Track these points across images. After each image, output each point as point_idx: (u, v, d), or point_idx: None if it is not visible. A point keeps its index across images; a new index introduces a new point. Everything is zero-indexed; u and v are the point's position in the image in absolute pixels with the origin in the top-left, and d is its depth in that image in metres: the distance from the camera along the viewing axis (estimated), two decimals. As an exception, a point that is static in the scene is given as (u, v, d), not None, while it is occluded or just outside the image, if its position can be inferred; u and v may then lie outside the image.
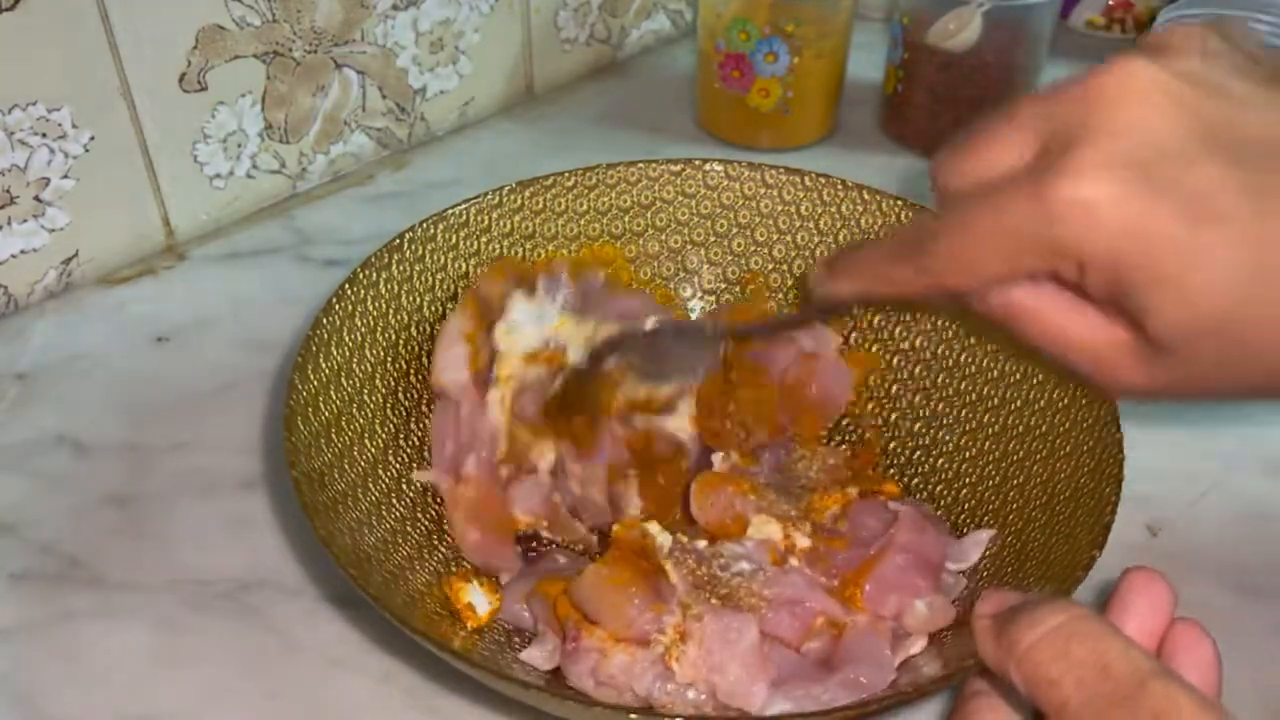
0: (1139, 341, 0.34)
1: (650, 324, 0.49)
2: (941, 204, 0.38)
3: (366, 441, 0.47)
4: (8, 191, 0.59)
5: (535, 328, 0.50)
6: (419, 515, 0.47)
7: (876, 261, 0.39)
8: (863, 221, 0.54)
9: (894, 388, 0.53)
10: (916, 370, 0.53)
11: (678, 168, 0.56)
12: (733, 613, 0.41)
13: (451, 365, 0.48)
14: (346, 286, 0.48)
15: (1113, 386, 0.36)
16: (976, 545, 0.45)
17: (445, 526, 0.48)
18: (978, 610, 0.31)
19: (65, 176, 0.60)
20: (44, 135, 0.59)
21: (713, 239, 0.57)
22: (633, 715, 0.36)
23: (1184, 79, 0.33)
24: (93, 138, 0.60)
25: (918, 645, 0.42)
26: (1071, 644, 0.28)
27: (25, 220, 0.60)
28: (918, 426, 0.52)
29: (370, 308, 0.49)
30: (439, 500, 0.49)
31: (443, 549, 0.47)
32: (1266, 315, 0.32)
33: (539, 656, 0.42)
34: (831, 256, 0.42)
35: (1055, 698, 0.28)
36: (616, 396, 0.49)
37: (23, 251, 0.61)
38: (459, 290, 0.53)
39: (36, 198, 0.60)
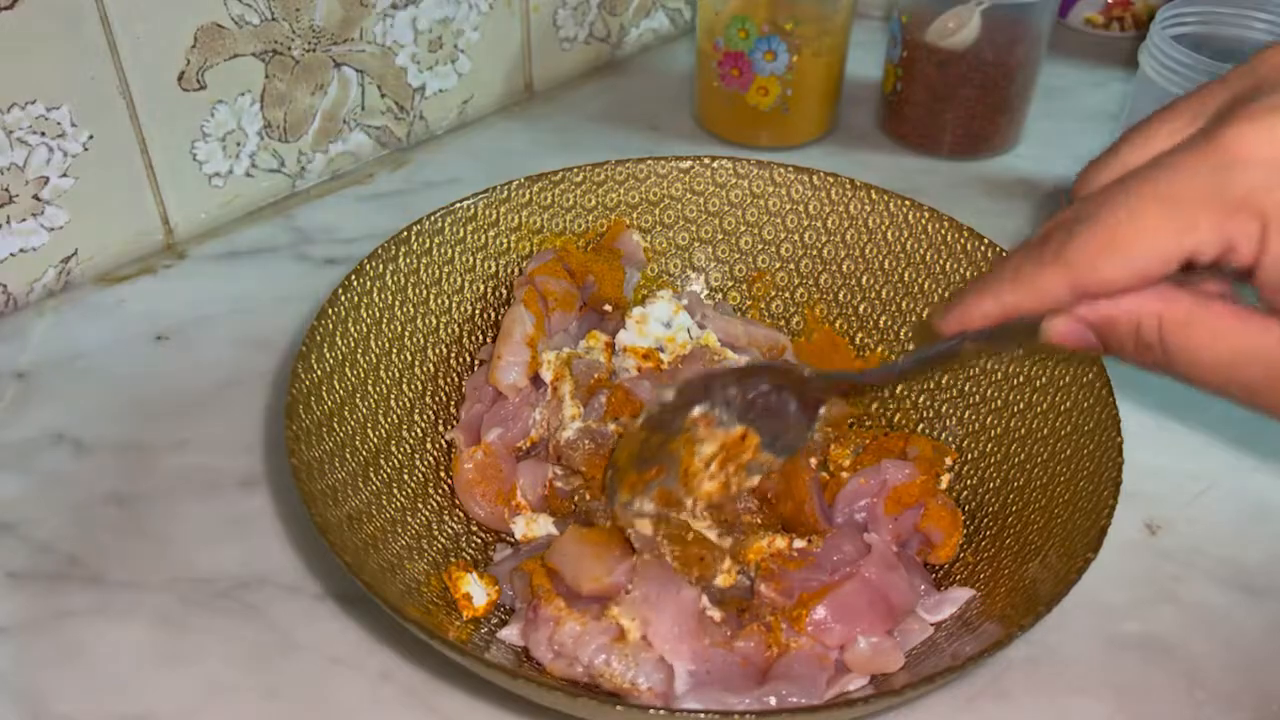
0: None
1: (739, 363, 0.43)
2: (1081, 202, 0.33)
3: (369, 432, 0.47)
4: (7, 190, 0.59)
5: (661, 330, 0.51)
6: (419, 505, 0.47)
7: (1013, 267, 0.33)
8: (869, 221, 0.54)
9: (898, 388, 0.53)
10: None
11: (686, 165, 0.56)
12: (672, 573, 0.42)
13: (514, 371, 0.50)
14: (352, 278, 0.48)
15: None
16: (952, 602, 0.44)
17: (445, 517, 0.48)
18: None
19: (64, 175, 0.60)
20: (43, 134, 0.58)
21: (720, 236, 0.57)
22: (619, 707, 0.36)
23: None
24: (92, 136, 0.60)
25: (856, 683, 0.41)
26: None
27: (24, 219, 0.60)
28: (921, 428, 0.52)
29: (376, 300, 0.49)
30: (440, 491, 0.49)
31: (442, 539, 0.47)
32: None
33: (514, 633, 0.43)
34: (953, 296, 0.36)
35: None
36: (695, 454, 0.43)
37: (22, 250, 0.61)
38: (466, 284, 0.53)
39: (35, 196, 0.60)
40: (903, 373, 0.44)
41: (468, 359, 0.53)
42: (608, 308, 0.54)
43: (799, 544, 0.44)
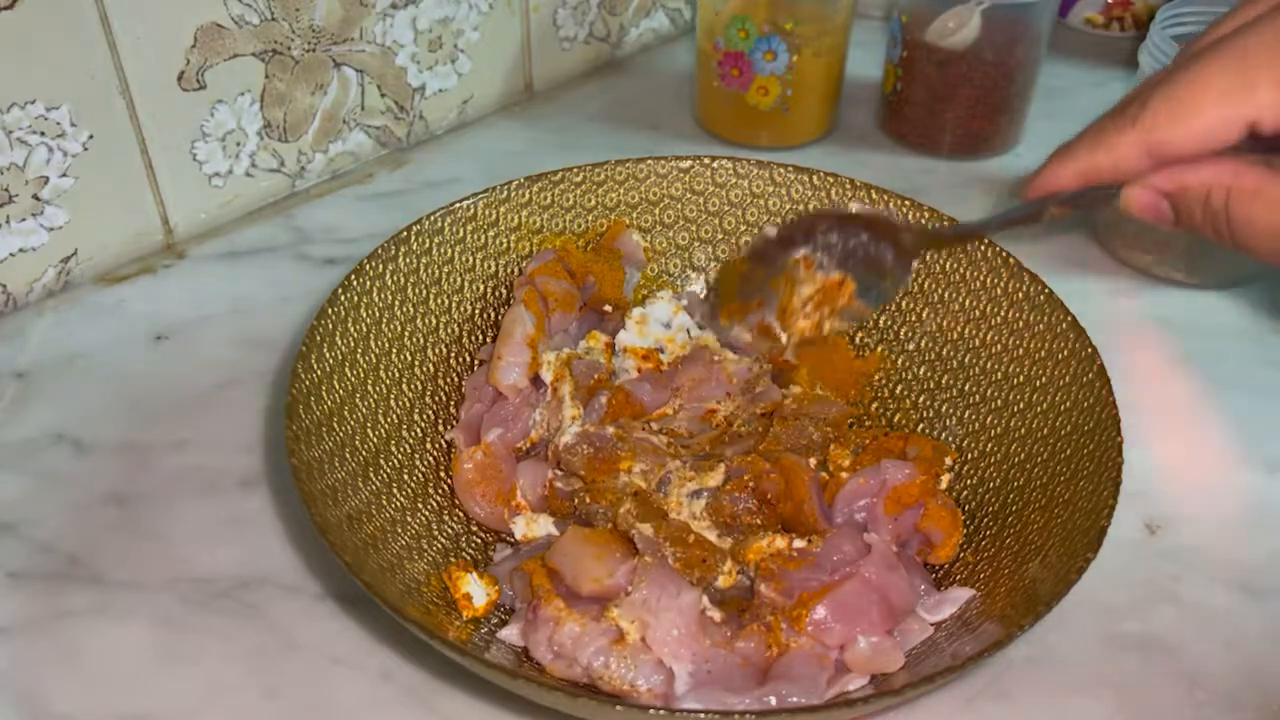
0: None
1: (854, 207, 0.44)
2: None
3: (369, 432, 0.47)
4: (6, 190, 0.59)
5: (661, 330, 0.51)
6: (419, 505, 0.47)
7: (1092, 131, 0.36)
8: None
9: (899, 388, 0.53)
10: (921, 371, 0.53)
11: (686, 165, 0.56)
12: (673, 575, 0.42)
13: (515, 372, 0.50)
14: (352, 278, 0.48)
15: None
16: (952, 602, 0.44)
17: (445, 517, 0.48)
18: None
19: (64, 175, 0.60)
20: (43, 134, 0.58)
21: (720, 236, 0.57)
22: (618, 707, 0.36)
23: None
24: (91, 136, 0.60)
25: (856, 683, 0.42)
26: None
27: (24, 219, 0.60)
28: (921, 428, 0.52)
29: (375, 299, 0.49)
30: (440, 491, 0.49)
31: (442, 539, 0.47)
32: None
33: (514, 633, 0.43)
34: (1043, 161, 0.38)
35: None
36: (795, 293, 0.44)
37: (21, 250, 0.61)
38: (466, 284, 0.53)
39: (35, 196, 0.60)
40: (990, 227, 0.46)
41: (467, 359, 0.53)
42: (608, 308, 0.54)
43: (799, 544, 0.44)
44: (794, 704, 0.39)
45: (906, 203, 0.54)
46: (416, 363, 0.51)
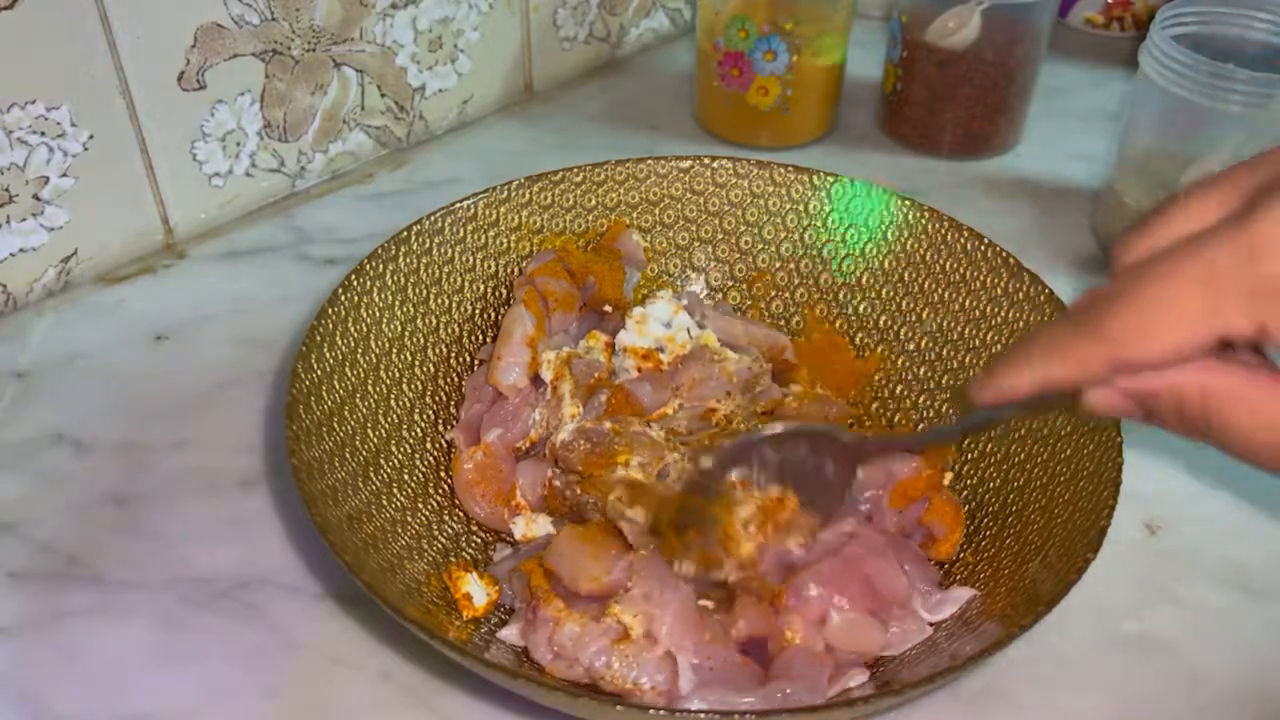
0: None
1: (777, 429, 0.43)
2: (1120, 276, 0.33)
3: (369, 432, 0.47)
4: (7, 190, 0.59)
5: (661, 330, 0.51)
6: (419, 505, 0.47)
7: (1050, 341, 0.34)
8: (870, 221, 0.54)
9: (899, 388, 0.53)
10: (921, 371, 0.53)
11: (686, 164, 0.56)
12: (669, 569, 0.43)
13: (514, 371, 0.50)
14: (352, 278, 0.48)
15: None
16: (953, 601, 0.44)
17: (445, 517, 0.48)
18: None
19: (64, 175, 0.60)
20: (43, 134, 0.58)
21: (720, 236, 0.57)
22: (618, 707, 0.36)
23: None
24: (91, 136, 0.60)
25: (856, 679, 0.42)
26: None
27: (24, 219, 0.60)
28: (921, 428, 0.52)
29: (376, 299, 0.49)
30: (440, 491, 0.49)
31: (442, 539, 0.47)
32: None
33: (514, 633, 0.43)
34: (987, 367, 0.37)
35: None
36: (734, 516, 0.43)
37: (22, 250, 0.61)
38: (466, 284, 0.53)
39: (35, 196, 0.60)
40: (942, 439, 0.48)
41: (468, 359, 0.53)
42: (608, 308, 0.54)
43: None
44: (796, 703, 0.39)
45: (906, 202, 0.54)
46: (417, 363, 0.51)
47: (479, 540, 0.48)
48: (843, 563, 0.43)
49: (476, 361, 0.53)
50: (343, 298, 0.48)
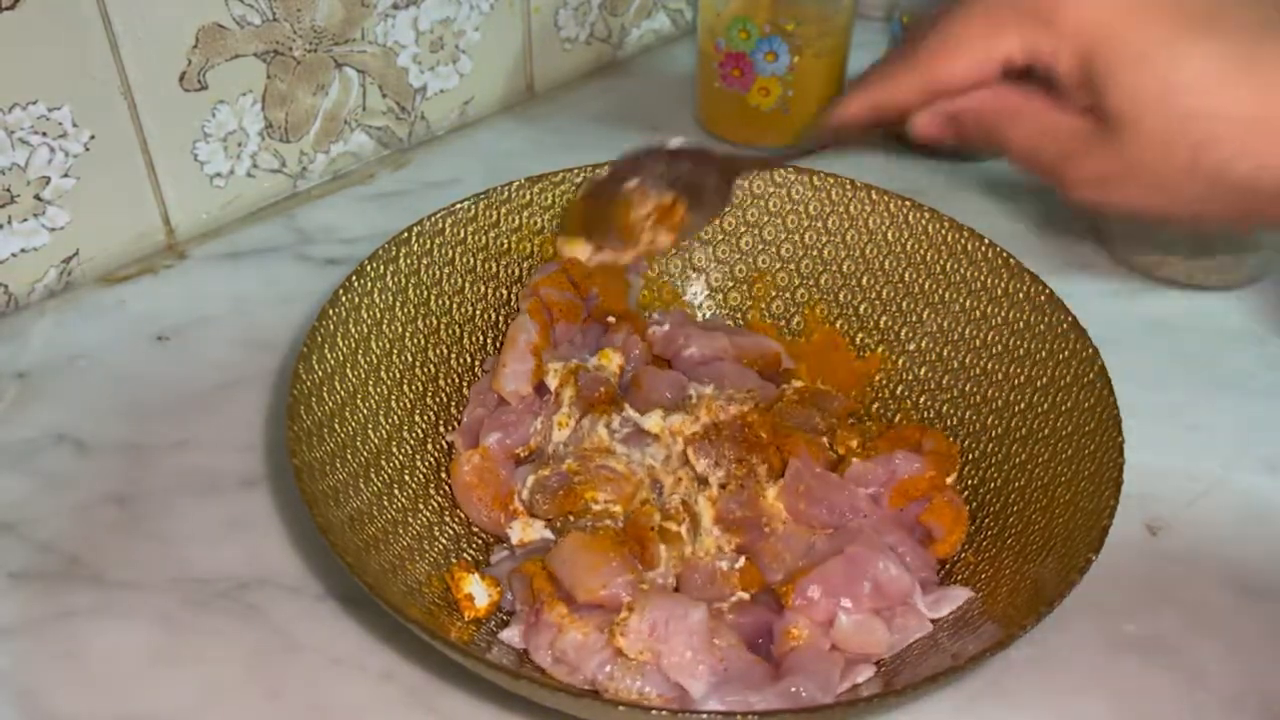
0: (1097, 126, 0.37)
1: (674, 142, 0.48)
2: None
3: (370, 433, 0.47)
4: (8, 190, 0.59)
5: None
6: (420, 506, 0.47)
7: (879, 70, 0.41)
8: (870, 221, 0.54)
9: (899, 389, 0.53)
10: (922, 372, 0.53)
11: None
12: (678, 597, 0.42)
13: (517, 379, 0.50)
14: (353, 279, 0.49)
15: (1069, 178, 0.38)
16: (951, 600, 0.44)
17: (446, 518, 0.48)
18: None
19: (65, 175, 0.60)
20: (44, 134, 0.58)
21: (720, 237, 0.57)
22: (620, 708, 0.36)
23: None
24: (93, 137, 0.60)
25: (865, 674, 0.42)
26: None
27: (26, 219, 0.60)
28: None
29: (376, 300, 0.49)
30: (441, 492, 0.49)
31: (443, 540, 0.47)
32: (1235, 119, 0.34)
33: (515, 635, 0.43)
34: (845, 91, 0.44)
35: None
36: (632, 214, 0.49)
37: (23, 250, 0.61)
38: (467, 285, 0.53)
39: (37, 196, 0.60)
40: (794, 154, 0.53)
41: (468, 359, 0.53)
42: (611, 319, 0.54)
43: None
44: (809, 701, 0.40)
45: (907, 203, 0.54)
46: (417, 364, 0.51)
47: (480, 542, 0.48)
48: (847, 563, 0.43)
49: (479, 368, 0.53)
50: (343, 299, 0.48)
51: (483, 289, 0.54)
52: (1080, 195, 0.38)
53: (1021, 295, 0.50)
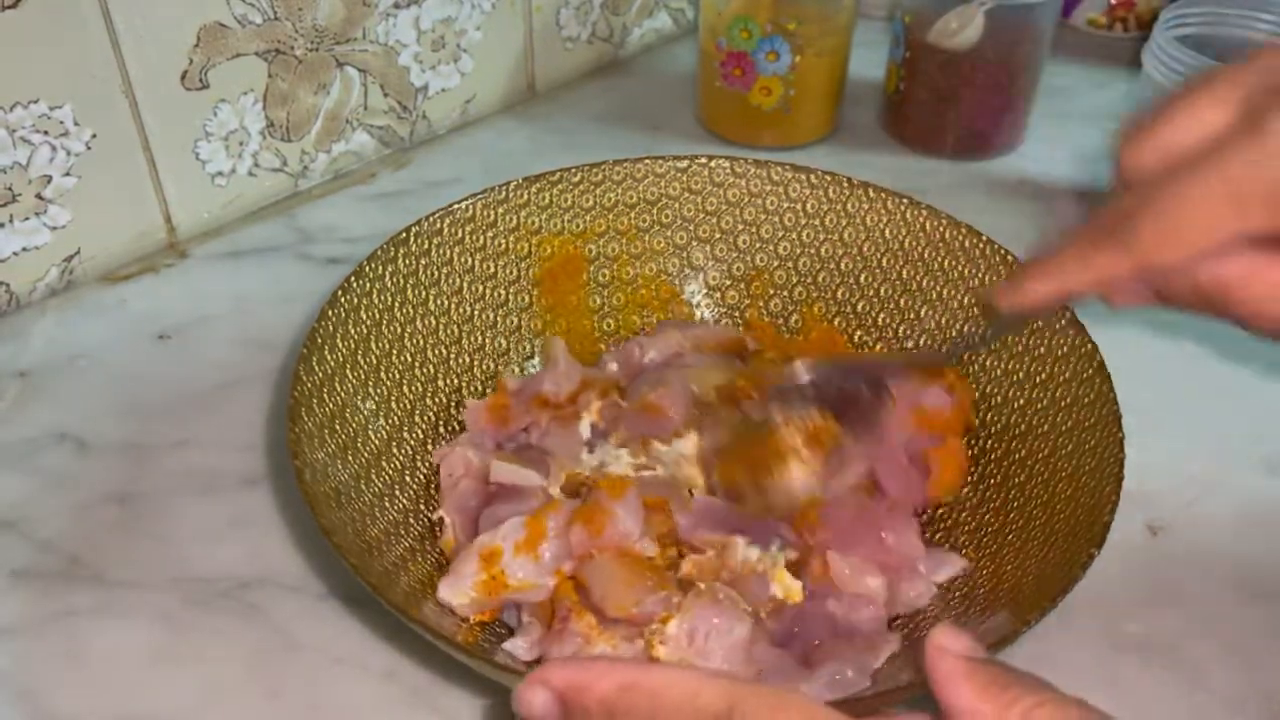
0: None
1: (807, 374, 0.46)
2: (1129, 183, 0.36)
3: (370, 434, 0.47)
4: (9, 189, 0.59)
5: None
6: (422, 507, 0.47)
7: (1076, 251, 0.37)
8: (868, 219, 0.54)
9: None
10: (919, 369, 0.53)
11: (683, 164, 0.56)
12: (725, 607, 0.41)
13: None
14: (352, 280, 0.48)
15: None
16: (949, 565, 0.46)
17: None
18: (936, 642, 0.29)
19: (67, 174, 0.60)
20: (46, 133, 0.58)
21: (718, 235, 0.57)
22: None
23: None
24: (94, 135, 0.60)
25: (894, 643, 0.43)
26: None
27: (27, 218, 0.60)
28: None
29: (375, 301, 0.49)
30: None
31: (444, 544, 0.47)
32: None
33: (521, 646, 0.42)
34: (1012, 274, 0.40)
35: None
36: (783, 445, 0.46)
37: (24, 249, 0.61)
38: (465, 285, 0.53)
39: (38, 195, 0.60)
40: (972, 348, 0.49)
41: (467, 360, 0.53)
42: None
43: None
44: (849, 684, 0.40)
45: (904, 200, 0.54)
46: (417, 364, 0.51)
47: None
48: (860, 515, 0.45)
49: (478, 368, 0.53)
50: (342, 300, 0.48)
51: (481, 289, 0.54)
52: None
53: (1021, 293, 0.50)
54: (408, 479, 0.48)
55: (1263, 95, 0.32)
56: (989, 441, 0.49)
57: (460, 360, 0.53)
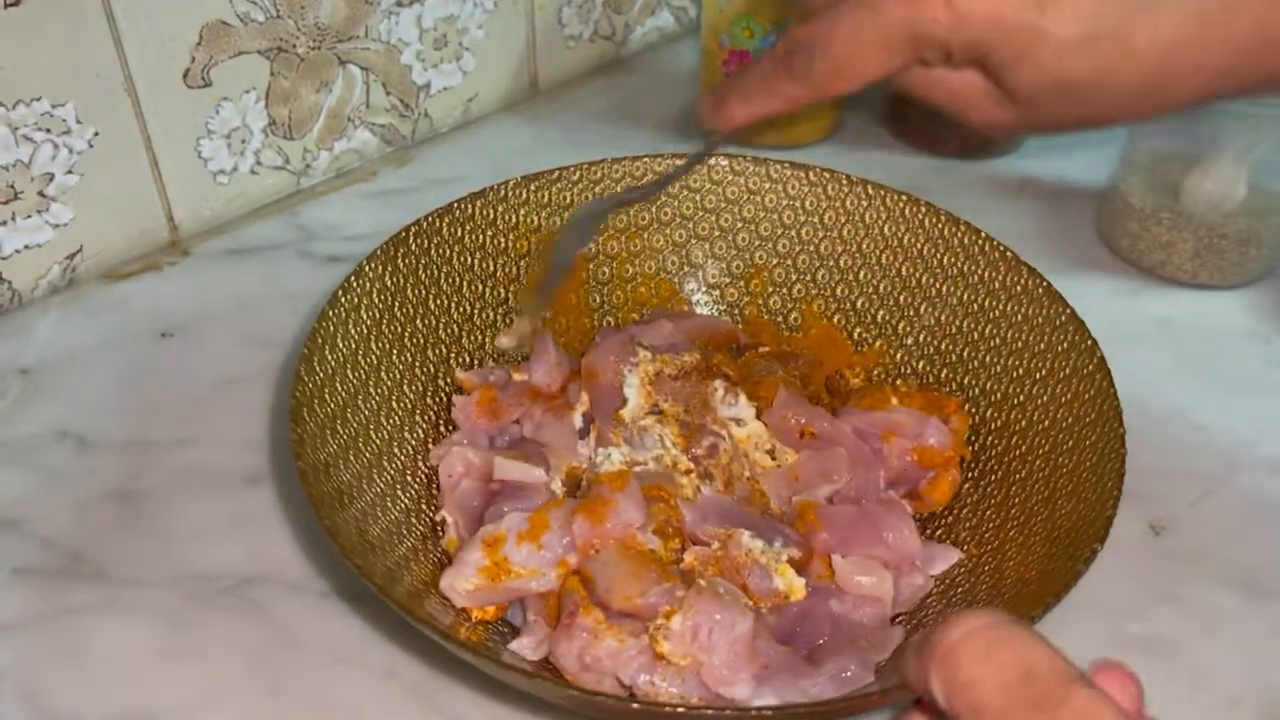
0: (996, 89, 0.42)
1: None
2: (808, 8, 0.43)
3: (372, 434, 0.47)
4: (12, 187, 0.59)
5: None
6: (424, 507, 0.47)
7: (761, 79, 0.44)
8: (866, 216, 0.54)
9: (897, 382, 0.53)
10: (920, 366, 0.53)
11: (682, 162, 0.56)
12: (727, 602, 0.41)
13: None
14: (352, 279, 0.48)
15: (977, 121, 0.44)
16: (944, 559, 0.46)
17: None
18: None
19: (69, 172, 0.60)
20: (48, 131, 0.59)
21: (717, 233, 0.57)
22: (635, 705, 0.36)
23: None
24: (97, 133, 0.60)
25: (899, 636, 0.43)
26: (994, 647, 0.27)
27: (29, 216, 0.60)
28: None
29: (375, 301, 0.49)
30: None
31: (446, 543, 0.47)
32: (1092, 71, 0.40)
33: (527, 646, 0.42)
34: (715, 90, 0.46)
35: (974, 700, 0.26)
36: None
37: (27, 247, 0.61)
38: (465, 284, 0.53)
39: (41, 193, 0.60)
40: (676, 175, 0.54)
41: (467, 360, 0.53)
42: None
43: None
44: (854, 680, 0.40)
45: (903, 197, 0.54)
46: (417, 363, 0.51)
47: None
48: (860, 514, 0.45)
49: (478, 369, 0.53)
50: (343, 300, 0.48)
51: (480, 288, 0.54)
52: (979, 128, 0.44)
53: (1019, 288, 0.50)
54: (409, 479, 0.48)
55: None
56: (989, 438, 0.49)
57: (461, 359, 0.53)
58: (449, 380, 0.52)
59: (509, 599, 0.44)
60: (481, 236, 0.53)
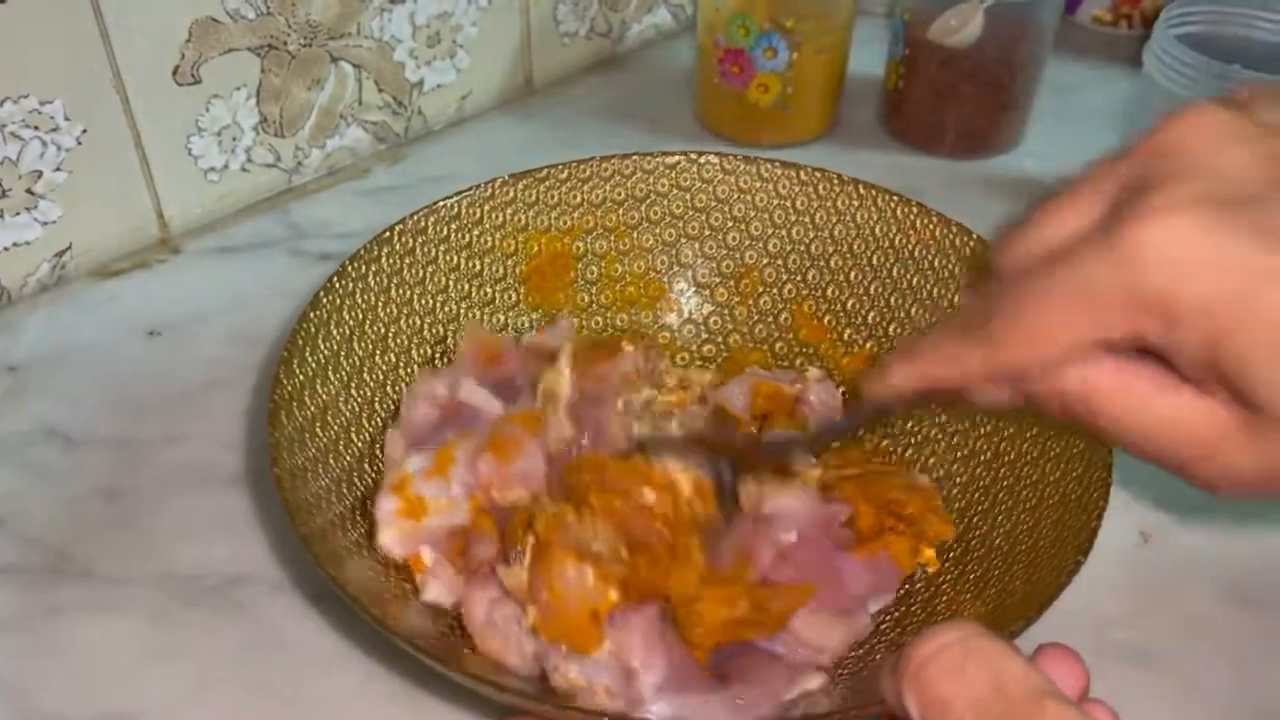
0: (1243, 417, 0.30)
1: (677, 429, 0.46)
2: (1001, 281, 0.34)
3: (352, 437, 0.47)
4: (0, 184, 0.59)
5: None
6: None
7: (936, 344, 0.36)
8: (858, 216, 0.54)
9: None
10: (909, 370, 0.53)
11: (673, 160, 0.55)
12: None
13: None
14: (334, 279, 0.48)
15: (1214, 476, 0.31)
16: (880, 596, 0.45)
17: None
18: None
19: (58, 169, 0.60)
20: (36, 128, 0.58)
21: (707, 233, 0.56)
22: (605, 718, 0.36)
23: (1257, 124, 0.31)
24: (85, 131, 0.60)
25: (815, 681, 0.41)
26: (967, 661, 0.26)
27: (18, 213, 0.60)
28: (909, 425, 0.51)
29: (358, 301, 0.49)
30: None
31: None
32: None
33: (441, 592, 0.43)
34: (881, 364, 0.39)
35: (946, 717, 0.26)
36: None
37: (15, 244, 0.61)
38: (450, 283, 0.53)
39: (29, 190, 0.60)
40: (836, 434, 0.48)
41: (452, 361, 0.53)
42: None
43: None
44: (750, 712, 0.39)
45: (895, 197, 0.53)
46: (401, 364, 0.50)
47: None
48: (818, 553, 0.44)
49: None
50: (325, 300, 0.47)
51: (467, 288, 0.53)
52: (1223, 491, 0.32)
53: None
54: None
55: (1126, 193, 0.31)
56: (977, 443, 0.49)
57: (445, 361, 0.52)
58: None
59: (439, 538, 0.44)
60: (468, 235, 0.53)
